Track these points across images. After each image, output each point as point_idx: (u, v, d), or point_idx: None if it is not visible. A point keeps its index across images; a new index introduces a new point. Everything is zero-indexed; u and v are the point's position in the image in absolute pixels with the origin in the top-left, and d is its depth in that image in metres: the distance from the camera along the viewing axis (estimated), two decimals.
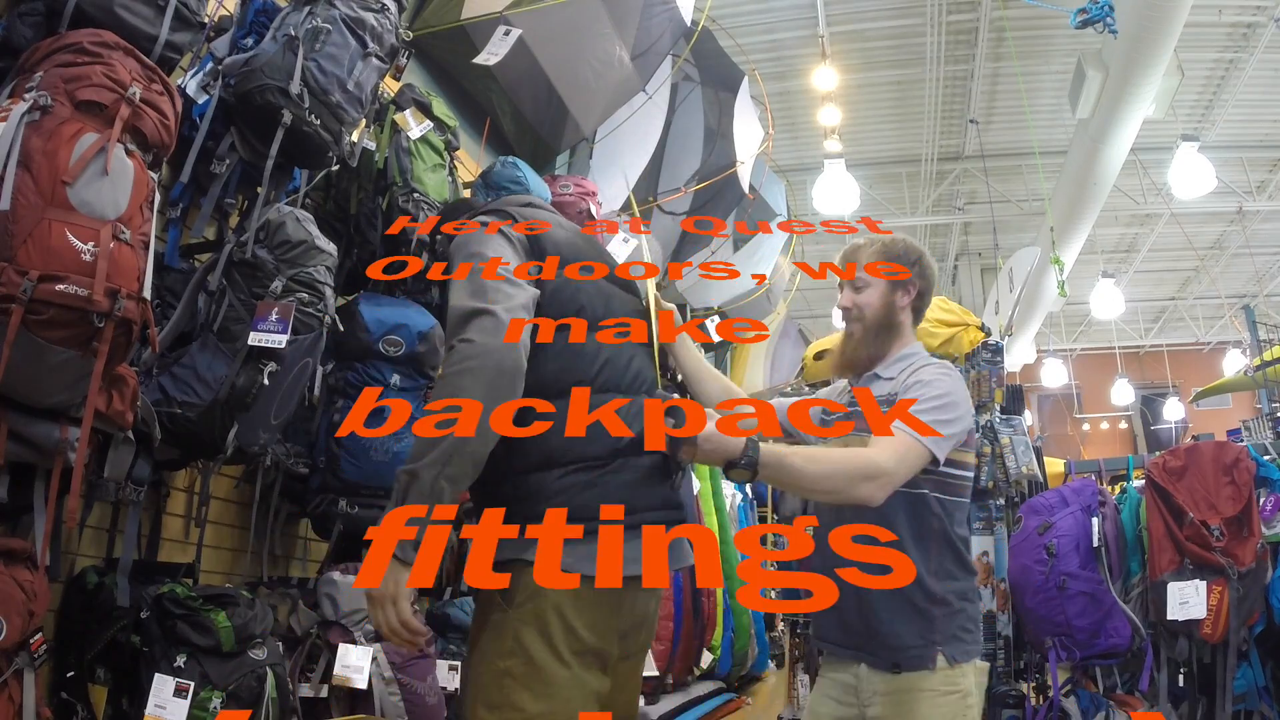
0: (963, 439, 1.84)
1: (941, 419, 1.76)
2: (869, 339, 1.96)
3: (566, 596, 1.47)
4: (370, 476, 2.51)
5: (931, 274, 2.00)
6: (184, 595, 1.96)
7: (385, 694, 2.35)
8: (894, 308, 1.96)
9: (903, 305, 1.97)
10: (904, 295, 1.97)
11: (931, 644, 1.79)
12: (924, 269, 1.99)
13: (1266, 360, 6.33)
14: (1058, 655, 3.21)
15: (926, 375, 1.85)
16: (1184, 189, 7.39)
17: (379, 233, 2.72)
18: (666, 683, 3.81)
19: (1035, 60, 8.51)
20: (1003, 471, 3.56)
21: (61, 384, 1.59)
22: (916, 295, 1.98)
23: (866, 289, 1.97)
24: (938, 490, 1.83)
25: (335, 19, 2.23)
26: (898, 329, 1.96)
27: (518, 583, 1.47)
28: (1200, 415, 13.14)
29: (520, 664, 1.46)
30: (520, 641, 1.46)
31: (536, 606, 1.47)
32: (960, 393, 1.84)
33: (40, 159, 1.54)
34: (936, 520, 1.83)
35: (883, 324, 1.95)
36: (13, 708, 1.59)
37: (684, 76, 5.67)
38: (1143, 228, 12.21)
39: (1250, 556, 3.04)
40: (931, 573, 1.82)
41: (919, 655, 1.79)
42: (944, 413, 1.77)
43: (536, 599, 1.47)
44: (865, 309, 1.96)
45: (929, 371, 1.86)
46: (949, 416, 1.78)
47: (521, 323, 1.49)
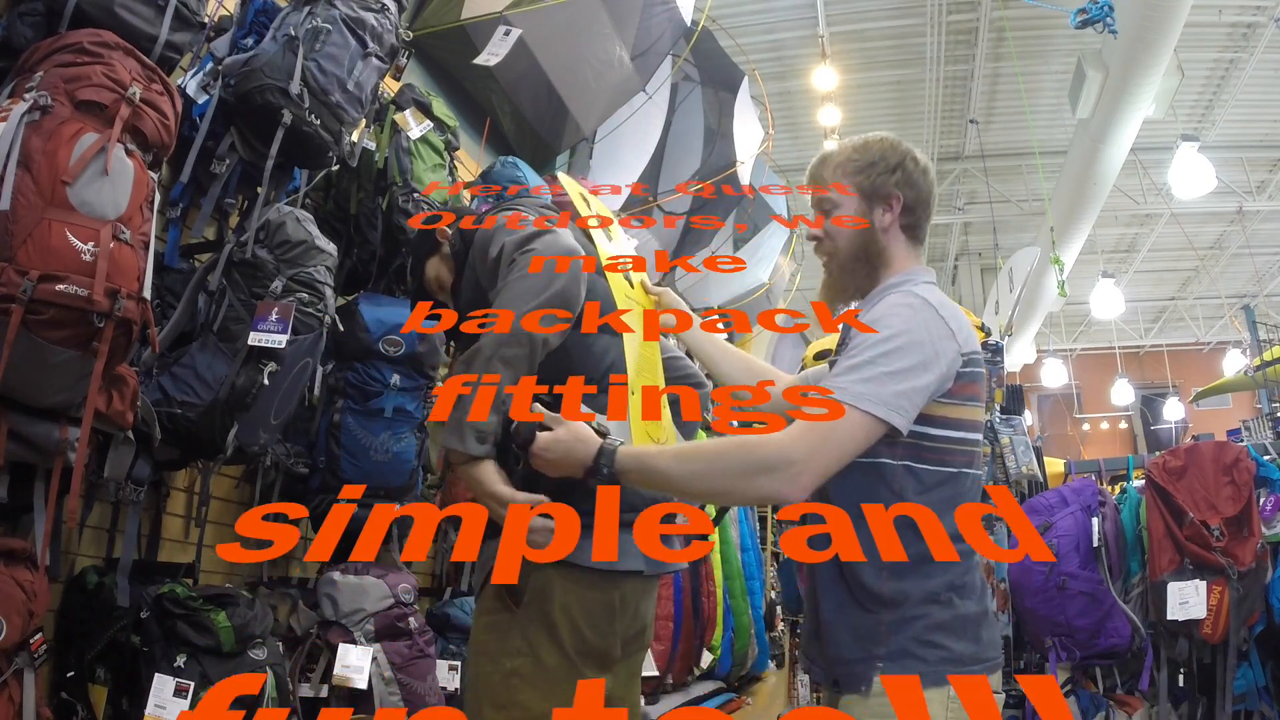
0: (939, 389, 1.37)
1: (892, 369, 1.32)
2: (846, 273, 1.56)
3: (573, 597, 1.48)
4: (370, 476, 2.51)
5: (921, 179, 1.55)
6: (184, 595, 1.96)
7: (385, 694, 2.35)
8: (873, 230, 1.53)
9: (885, 225, 1.53)
10: (885, 213, 1.53)
11: (870, 660, 1.36)
12: (909, 175, 1.53)
13: (1266, 360, 6.34)
14: (1058, 655, 3.21)
15: (878, 310, 1.42)
16: (1184, 189, 7.40)
17: (379, 233, 2.72)
18: (666, 683, 3.81)
19: (1035, 60, 8.51)
20: (1003, 471, 3.57)
21: (61, 384, 1.59)
22: (903, 209, 1.53)
23: (836, 210, 1.55)
24: (908, 458, 1.38)
25: (335, 19, 2.23)
26: (883, 256, 1.53)
27: (525, 583, 1.48)
28: (1200, 415, 13.16)
29: (528, 664, 1.46)
30: (528, 641, 1.47)
31: (544, 606, 1.47)
32: (924, 329, 1.38)
33: (40, 159, 1.54)
34: (892, 496, 1.38)
35: (860, 252, 1.54)
36: (13, 708, 1.59)
37: (684, 76, 5.67)
38: (1143, 228, 12.22)
39: (1250, 556, 3.05)
40: (876, 566, 1.36)
41: (854, 673, 1.38)
42: (896, 359, 1.33)
43: (544, 599, 1.47)
44: (837, 237, 1.55)
45: (883, 305, 1.43)
46: (904, 364, 1.33)
47: (582, 256, 1.51)
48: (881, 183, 1.52)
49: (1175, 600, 3.08)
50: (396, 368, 2.58)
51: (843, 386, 1.32)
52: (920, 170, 1.55)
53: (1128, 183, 9.64)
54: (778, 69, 8.57)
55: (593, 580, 1.50)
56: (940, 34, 8.38)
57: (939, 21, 8.22)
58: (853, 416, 1.30)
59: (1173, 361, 15.23)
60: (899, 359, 1.33)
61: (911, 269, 1.53)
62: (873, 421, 1.31)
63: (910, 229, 1.55)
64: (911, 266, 1.54)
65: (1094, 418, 16.13)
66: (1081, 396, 15.67)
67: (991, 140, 9.89)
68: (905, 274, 1.52)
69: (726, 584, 4.44)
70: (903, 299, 1.43)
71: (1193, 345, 15.72)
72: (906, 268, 1.53)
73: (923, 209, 1.56)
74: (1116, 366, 14.40)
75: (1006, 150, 10.16)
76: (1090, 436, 15.88)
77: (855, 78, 8.68)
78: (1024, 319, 10.45)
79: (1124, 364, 14.50)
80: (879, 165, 1.53)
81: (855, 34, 8.33)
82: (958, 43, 8.60)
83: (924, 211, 1.56)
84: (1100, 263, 11.47)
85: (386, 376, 2.56)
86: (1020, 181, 10.46)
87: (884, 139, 1.56)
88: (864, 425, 1.31)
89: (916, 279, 1.50)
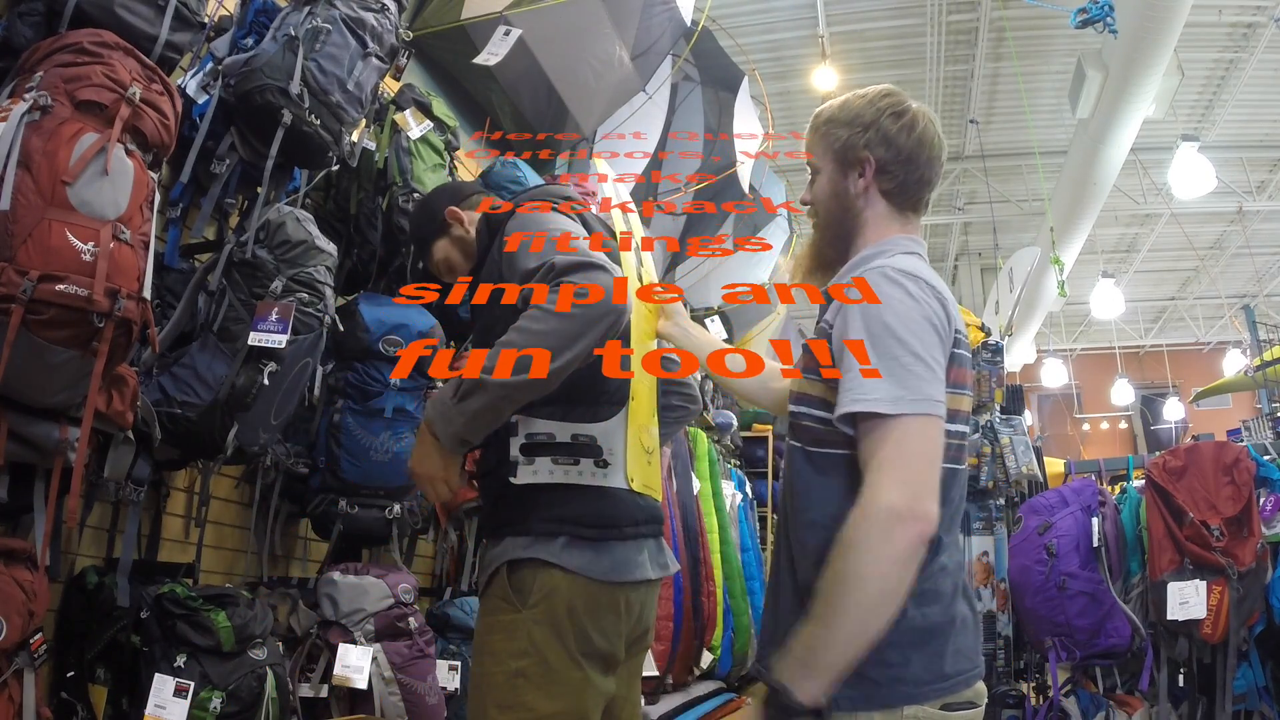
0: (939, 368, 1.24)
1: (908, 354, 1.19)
2: (826, 242, 1.46)
3: (580, 599, 1.48)
4: (370, 477, 2.51)
5: (901, 136, 1.39)
6: (184, 595, 1.96)
7: (385, 694, 2.35)
8: (846, 196, 1.42)
9: (859, 190, 1.41)
10: (857, 177, 1.41)
11: None
12: (884, 133, 1.39)
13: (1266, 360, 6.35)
14: (1058, 655, 3.21)
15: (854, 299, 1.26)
16: (1184, 189, 7.39)
17: (379, 233, 2.72)
18: (666, 683, 3.81)
19: (1035, 60, 8.51)
20: (1003, 471, 3.57)
21: (61, 384, 1.59)
22: (878, 171, 1.40)
23: (818, 174, 1.46)
24: None
25: (335, 19, 2.23)
26: (857, 222, 1.41)
27: (532, 583, 1.49)
28: (1200, 415, 13.16)
29: (534, 664, 1.46)
30: (534, 642, 1.47)
31: (551, 607, 1.47)
32: (911, 307, 1.24)
33: (40, 159, 1.53)
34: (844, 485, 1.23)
35: (834, 219, 1.44)
36: (13, 708, 1.59)
37: (684, 76, 5.67)
38: (1143, 228, 12.21)
39: (1250, 556, 3.05)
40: (817, 563, 1.20)
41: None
42: (906, 345, 1.20)
43: (551, 600, 1.48)
44: (817, 204, 1.46)
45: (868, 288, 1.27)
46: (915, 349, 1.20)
47: (625, 283, 1.43)
48: (853, 144, 1.40)
49: (1175, 600, 3.08)
50: None
51: (877, 397, 1.17)
52: (901, 126, 1.39)
53: (1128, 183, 9.64)
54: (778, 69, 8.57)
55: (601, 583, 1.51)
56: (940, 34, 8.38)
57: (939, 21, 8.22)
58: (906, 424, 1.17)
59: (1173, 361, 15.22)
60: (911, 341, 1.21)
61: (890, 238, 1.39)
62: (927, 418, 1.18)
63: (893, 193, 1.40)
64: (892, 235, 1.40)
65: (1094, 418, 16.12)
66: (1081, 396, 15.66)
67: (991, 140, 9.89)
68: (883, 243, 1.39)
69: (726, 584, 4.44)
70: (882, 278, 1.27)
71: (1193, 345, 15.71)
72: (886, 235, 1.40)
73: (905, 169, 1.40)
74: (1116, 366, 14.40)
75: (1006, 150, 10.16)
76: (1090, 436, 15.88)
77: (855, 78, 8.66)
78: (1024, 319, 10.44)
79: (1124, 364, 14.50)
80: (853, 124, 1.41)
81: (855, 34, 8.33)
82: (958, 43, 8.60)
83: (907, 171, 1.40)
84: (1100, 263, 11.47)
85: (386, 376, 2.56)
86: (1020, 181, 10.46)
87: (868, 93, 1.43)
88: (921, 424, 1.18)
89: (893, 249, 1.37)
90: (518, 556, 1.50)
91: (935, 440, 1.19)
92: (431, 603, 3.05)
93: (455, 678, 2.64)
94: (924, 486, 1.15)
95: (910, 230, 1.43)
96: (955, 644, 1.25)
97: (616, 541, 1.54)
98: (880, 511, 1.13)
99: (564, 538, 1.50)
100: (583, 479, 1.54)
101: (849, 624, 1.14)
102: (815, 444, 1.31)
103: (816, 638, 1.15)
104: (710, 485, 4.48)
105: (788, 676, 1.15)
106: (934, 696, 1.21)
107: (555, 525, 1.50)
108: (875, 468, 1.16)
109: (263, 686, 1.96)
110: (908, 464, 1.16)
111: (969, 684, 1.27)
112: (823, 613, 1.15)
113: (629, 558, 1.56)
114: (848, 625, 1.14)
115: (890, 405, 1.17)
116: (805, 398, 1.35)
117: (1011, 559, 3.42)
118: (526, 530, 1.51)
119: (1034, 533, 3.33)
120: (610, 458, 1.57)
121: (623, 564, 1.54)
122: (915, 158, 1.40)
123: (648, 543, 1.63)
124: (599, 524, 1.53)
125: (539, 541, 1.50)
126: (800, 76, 8.41)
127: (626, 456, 1.59)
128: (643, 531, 1.61)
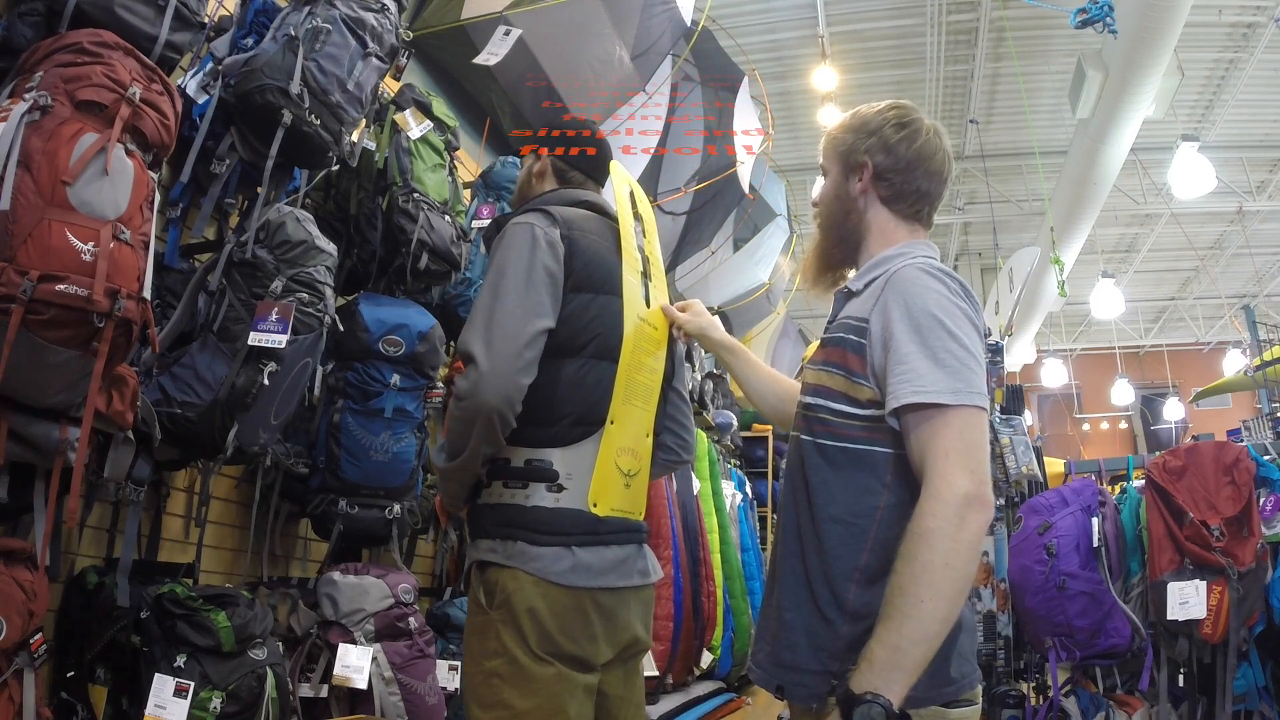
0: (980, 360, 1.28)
1: (959, 347, 1.23)
2: (828, 243, 1.50)
3: (539, 600, 1.50)
4: (370, 477, 2.52)
5: (901, 145, 1.43)
6: (184, 595, 1.96)
7: (385, 694, 2.35)
8: (847, 199, 1.46)
9: (856, 194, 1.45)
10: (856, 181, 1.45)
11: (823, 675, 1.24)
12: (884, 141, 1.43)
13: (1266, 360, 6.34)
14: (1058, 655, 3.21)
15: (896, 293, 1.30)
16: (1184, 189, 7.39)
17: (379, 233, 2.72)
18: (666, 683, 3.81)
19: (1035, 60, 8.50)
20: (1003, 471, 3.57)
21: (61, 384, 1.59)
22: (874, 176, 1.43)
23: (825, 178, 1.52)
24: (900, 445, 1.28)
25: (335, 19, 2.23)
26: (859, 226, 1.46)
27: (494, 584, 1.53)
28: (1200, 415, 13.16)
29: (505, 664, 1.49)
30: (502, 642, 1.50)
31: (511, 608, 1.51)
32: (952, 302, 1.29)
33: (40, 159, 1.53)
34: (880, 487, 1.28)
35: (835, 220, 1.48)
36: (13, 708, 1.59)
37: (684, 76, 5.67)
38: (1143, 228, 12.21)
39: (1250, 556, 3.04)
40: (851, 569, 1.26)
41: (802, 684, 1.27)
42: (956, 338, 1.24)
43: (511, 601, 1.51)
44: (821, 205, 1.52)
45: (898, 286, 1.31)
46: (965, 342, 1.24)
47: (512, 375, 1.51)
48: (854, 149, 1.46)
49: (1175, 600, 3.07)
50: (396, 368, 2.58)
51: (939, 389, 1.20)
52: (902, 137, 1.43)
53: (1128, 183, 9.63)
54: (778, 69, 8.56)
55: (562, 587, 1.52)
56: (940, 34, 8.38)
57: (939, 21, 8.22)
58: (966, 415, 1.20)
59: (1173, 361, 15.22)
60: (959, 334, 1.25)
61: (905, 242, 1.43)
62: (980, 410, 1.22)
63: (891, 201, 1.44)
64: (904, 239, 1.43)
65: (1094, 418, 16.12)
66: (1081, 396, 15.67)
67: (991, 140, 9.89)
68: (901, 246, 1.42)
69: (726, 584, 4.44)
70: (916, 274, 1.31)
71: (1193, 345, 15.71)
72: (894, 241, 1.43)
73: (902, 177, 1.43)
74: (1116, 366, 14.40)
75: (1006, 150, 10.15)
76: (1090, 436, 15.88)
77: (855, 78, 8.67)
78: (1024, 319, 10.45)
79: (1124, 364, 14.50)
80: (859, 130, 1.46)
81: (855, 34, 8.33)
82: (958, 43, 8.60)
83: (904, 180, 1.43)
84: (1100, 263, 11.47)
85: (386, 376, 2.56)
86: (1020, 181, 10.45)
87: (881, 106, 1.48)
88: (977, 416, 1.22)
89: (913, 251, 1.40)
90: (483, 559, 1.57)
91: (986, 433, 1.23)
92: (431, 603, 3.05)
93: (455, 678, 2.64)
94: (987, 475, 1.20)
95: (920, 234, 1.47)
96: (959, 648, 1.28)
97: (578, 546, 1.55)
98: (957, 499, 1.16)
99: (520, 542, 1.53)
100: (530, 501, 1.56)
101: (938, 612, 1.14)
102: (830, 437, 1.32)
103: (902, 635, 1.13)
104: (710, 485, 4.48)
105: (875, 685, 1.12)
106: (939, 701, 1.24)
107: (510, 530, 1.55)
108: (941, 457, 1.18)
109: (263, 686, 1.96)
110: (970, 453, 1.19)
111: (971, 686, 1.30)
112: (904, 608, 1.14)
113: (592, 563, 1.56)
114: (938, 614, 1.14)
115: (952, 396, 1.20)
116: (824, 390, 1.35)
117: (1011, 559, 3.41)
118: (489, 534, 1.57)
119: (1034, 533, 3.32)
120: (568, 481, 1.56)
121: (584, 569, 1.54)
122: (912, 168, 1.43)
123: (620, 550, 1.61)
124: (553, 531, 1.54)
125: (500, 545, 1.55)
126: (800, 76, 8.41)
127: (592, 480, 1.58)
128: (609, 539, 1.59)
